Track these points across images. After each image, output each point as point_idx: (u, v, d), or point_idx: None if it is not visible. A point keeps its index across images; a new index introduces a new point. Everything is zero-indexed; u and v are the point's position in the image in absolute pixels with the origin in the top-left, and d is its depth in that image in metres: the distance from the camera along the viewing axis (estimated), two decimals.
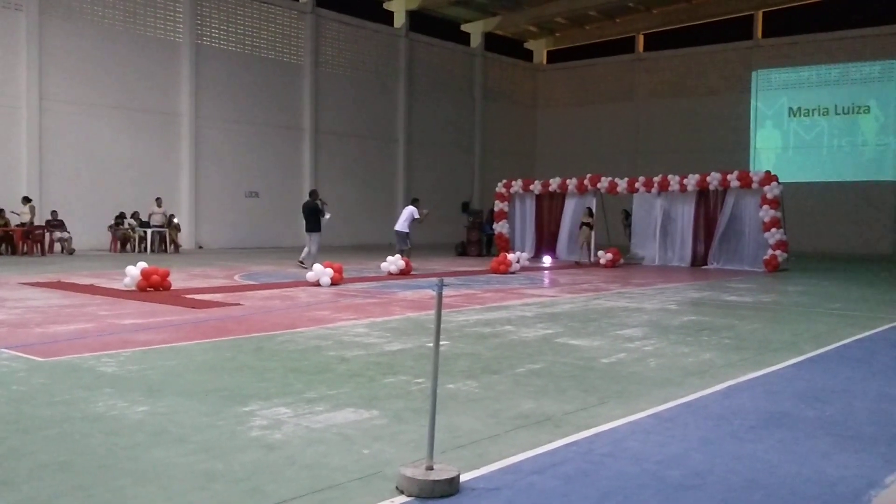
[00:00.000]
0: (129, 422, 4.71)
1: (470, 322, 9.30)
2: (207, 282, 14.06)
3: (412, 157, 33.64)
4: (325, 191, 30.20)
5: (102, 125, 24.29)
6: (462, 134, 36.14)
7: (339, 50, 30.68)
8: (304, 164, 29.52)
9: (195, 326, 8.50)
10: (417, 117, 33.70)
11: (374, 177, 32.21)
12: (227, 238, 27.03)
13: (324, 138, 30.12)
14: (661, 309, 11.08)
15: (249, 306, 10.38)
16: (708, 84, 35.40)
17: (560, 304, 11.53)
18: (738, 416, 5.12)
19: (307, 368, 6.36)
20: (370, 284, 14.15)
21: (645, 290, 14.08)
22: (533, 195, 24.20)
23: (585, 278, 16.65)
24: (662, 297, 12.91)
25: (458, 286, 14.02)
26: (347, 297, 11.78)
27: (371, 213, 31.52)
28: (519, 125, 39.15)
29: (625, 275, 17.97)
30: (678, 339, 8.35)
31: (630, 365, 6.83)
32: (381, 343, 7.62)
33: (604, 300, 12.25)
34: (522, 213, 24.52)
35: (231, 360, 6.68)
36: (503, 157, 37.59)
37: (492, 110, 37.34)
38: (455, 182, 35.53)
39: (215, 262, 19.80)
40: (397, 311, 10.28)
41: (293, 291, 12.60)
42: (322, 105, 29.92)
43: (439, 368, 4.17)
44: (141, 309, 9.95)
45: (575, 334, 8.50)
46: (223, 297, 11.35)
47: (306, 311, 9.98)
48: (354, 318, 9.46)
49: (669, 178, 21.49)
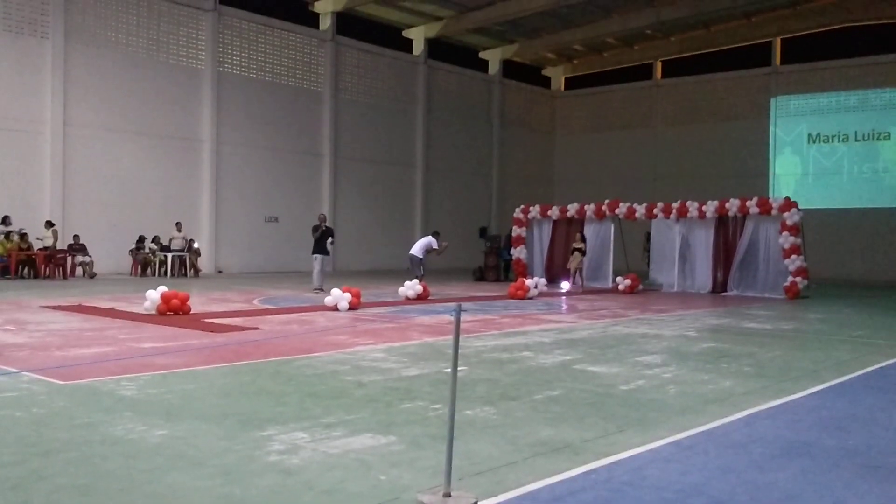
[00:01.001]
0: (148, 445, 4.72)
1: (488, 348, 9.29)
2: (226, 306, 14.09)
3: (430, 183, 33.74)
4: (343, 216, 30.41)
5: (125, 150, 24.55)
6: (480, 160, 36.24)
7: (358, 77, 30.91)
8: (323, 190, 29.66)
9: (214, 350, 8.52)
10: (436, 143, 33.84)
11: (392, 202, 32.30)
12: (247, 262, 27.16)
13: (343, 164, 30.29)
14: (681, 335, 11.03)
15: (268, 330, 10.40)
16: (726, 110, 35.32)
17: (578, 330, 11.50)
18: (759, 445, 5.05)
19: (325, 393, 6.35)
20: (388, 309, 14.14)
21: (664, 317, 14.04)
22: (550, 220, 24.22)
23: (604, 304, 16.57)
24: (681, 323, 12.85)
25: (475, 311, 13.98)
26: (365, 322, 11.79)
27: (389, 238, 31.56)
28: (537, 151, 39.20)
29: (643, 301, 17.89)
30: (698, 366, 8.30)
31: (649, 392, 6.78)
32: (399, 368, 7.61)
33: (622, 326, 12.21)
34: (540, 238, 24.52)
35: (249, 384, 6.68)
36: (521, 182, 37.62)
37: (509, 136, 37.44)
38: (473, 207, 35.58)
39: (234, 286, 19.82)
40: (415, 336, 10.28)
41: (311, 316, 12.62)
42: (341, 131, 30.11)
43: (457, 394, 4.16)
44: (160, 333, 9.98)
45: (594, 361, 8.48)
46: (242, 322, 11.35)
47: (324, 336, 10.00)
48: (372, 342, 9.47)
49: (688, 205, 21.45)
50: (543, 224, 24.51)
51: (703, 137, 35.55)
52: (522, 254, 24.42)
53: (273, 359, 8.03)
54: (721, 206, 20.90)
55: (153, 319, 11.42)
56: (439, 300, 16.29)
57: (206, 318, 11.82)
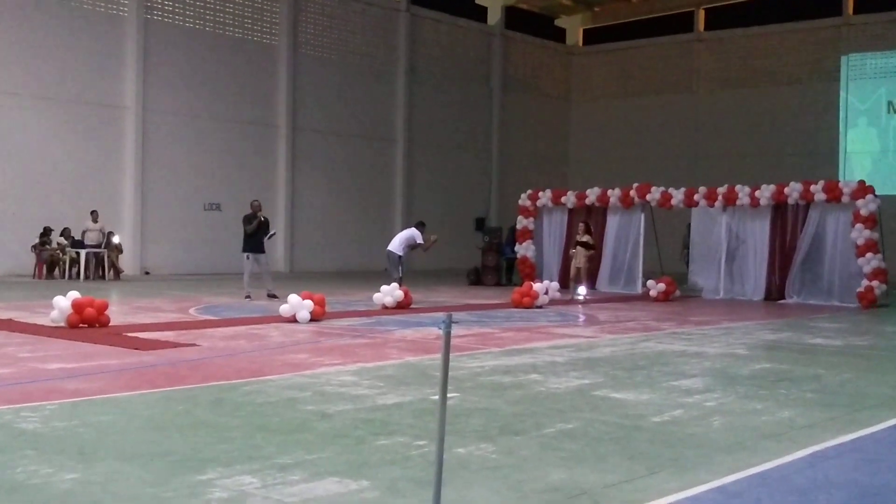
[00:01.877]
0: (56, 492, 4.68)
1: (485, 369, 9.37)
2: (155, 316, 14.12)
3: (413, 162, 33.80)
4: (303, 203, 30.40)
5: (24, 120, 24.39)
6: (476, 133, 36.29)
7: (322, 27, 30.94)
8: (277, 170, 29.72)
9: (139, 373, 8.54)
10: (421, 112, 33.87)
11: (365, 186, 32.35)
12: (181, 261, 27.15)
13: (303, 137, 30.30)
14: (728, 354, 11.14)
15: (208, 348, 10.47)
16: (786, 71, 35.45)
17: (600, 347, 11.60)
18: (825, 491, 5.08)
19: (279, 427, 6.39)
20: (360, 321, 14.24)
21: (706, 330, 14.16)
22: (565, 210, 24.26)
23: (631, 314, 16.62)
24: (729, 338, 12.95)
25: (470, 323, 14.07)
26: (331, 337, 11.86)
27: (361, 231, 31.61)
28: (548, 122, 39.24)
29: (681, 310, 18.01)
30: (749, 391, 8.37)
31: (688, 424, 6.84)
32: (374, 395, 7.67)
33: (655, 342, 12.30)
34: (552, 231, 24.56)
35: (184, 415, 6.72)
36: (528, 161, 37.68)
37: (514, 104, 37.45)
38: (467, 193, 35.62)
39: (165, 291, 19.88)
40: (394, 354, 10.38)
41: (263, 329, 12.68)
42: (301, 95, 30.11)
43: (447, 428, 4.16)
44: (72, 350, 9.97)
45: (618, 385, 8.56)
46: (175, 336, 11.41)
47: (279, 354, 10.08)
48: (340, 362, 9.54)
49: (737, 190, 21.54)
50: (556, 214, 24.54)
51: (755, 105, 35.68)
52: (530, 251, 24.46)
53: (214, 383, 8.09)
54: (779, 192, 21.01)
55: (62, 333, 11.39)
56: (425, 309, 16.34)
57: (128, 331, 11.82)
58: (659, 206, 22.76)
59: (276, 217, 28.23)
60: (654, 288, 20.68)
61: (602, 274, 23.59)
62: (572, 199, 24.04)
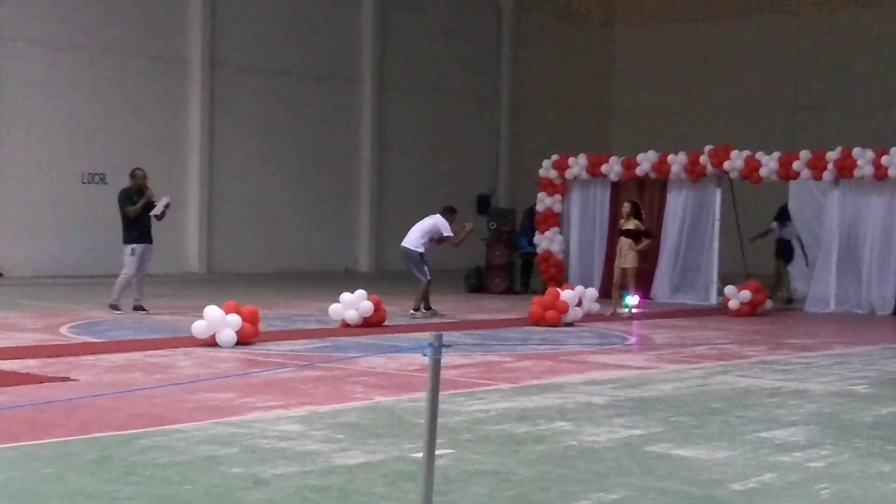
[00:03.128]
0: None
1: (492, 414, 9.40)
2: (10, 338, 14.05)
3: (387, 115, 33.83)
4: (227, 174, 30.24)
5: None
6: (478, 73, 36.22)
7: None
8: (188, 125, 29.63)
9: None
10: (397, 42, 33.84)
11: (318, 150, 32.29)
12: (48, 259, 27.09)
13: (225, 77, 30.29)
14: (841, 392, 11.14)
15: (88, 383, 10.41)
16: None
17: (656, 383, 11.63)
18: None
19: (193, 498, 6.31)
20: (309, 344, 14.32)
21: (811, 358, 14.17)
22: (607, 183, 24.27)
23: (702, 334, 16.66)
24: (843, 370, 12.98)
25: (470, 348, 14.08)
26: (267, 368, 11.90)
27: (311, 215, 31.77)
28: (580, 58, 39.09)
29: (775, 329, 18.09)
30: (873, 447, 8.35)
31: (783, 495, 6.78)
32: (329, 452, 7.67)
33: (736, 375, 12.29)
34: (586, 214, 24.56)
35: (53, 480, 6.63)
36: (552, 114, 37.66)
37: (532, 31, 37.47)
38: (465, 160, 35.61)
39: (25, 300, 20.08)
40: (358, 393, 10.41)
41: (168, 356, 12.66)
42: (222, 18, 29.94)
43: (435, 499, 4.15)
44: None
45: (683, 438, 8.58)
46: (40, 367, 11.33)
47: (191, 393, 10.01)
48: (280, 405, 9.55)
49: (856, 155, 21.56)
50: (594, 189, 24.67)
51: (885, 30, 35.64)
52: (555, 243, 24.59)
53: (98, 435, 8.04)
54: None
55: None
56: (404, 327, 16.34)
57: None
58: (743, 177, 22.85)
59: (186, 194, 28.19)
60: (735, 297, 20.62)
61: (660, 277, 23.68)
62: (617, 167, 24.02)
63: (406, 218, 19.88)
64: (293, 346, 13.89)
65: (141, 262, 18.16)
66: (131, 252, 18.16)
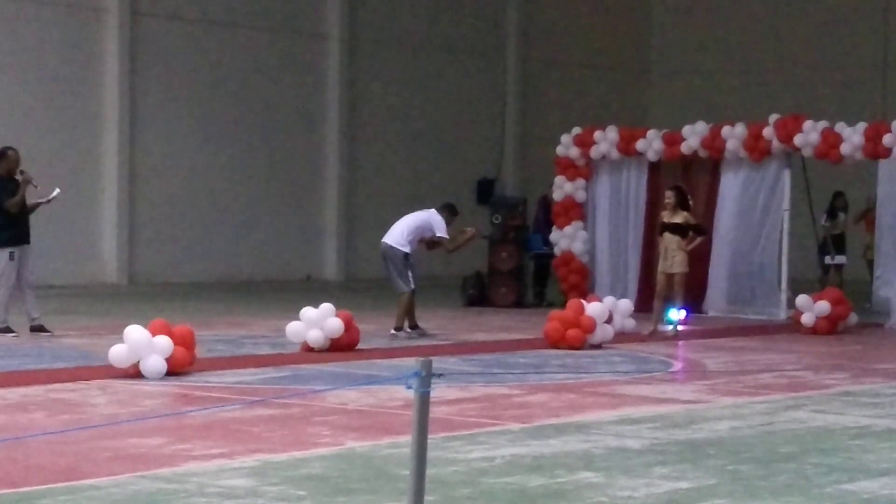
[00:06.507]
0: None
1: (497, 463, 9.44)
2: None
3: (359, 77, 33.80)
4: (153, 157, 30.33)
5: None
6: (476, 22, 36.32)
7: None
8: (103, 94, 29.65)
9: None
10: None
11: (270, 124, 32.24)
12: None
13: (148, 31, 30.34)
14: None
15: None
16: None
17: (709, 421, 11.66)
18: None
19: None
20: (260, 374, 14.23)
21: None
22: (643, 164, 24.26)
23: (767, 358, 16.65)
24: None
25: (469, 378, 14.06)
26: (208, 405, 11.81)
27: (261, 211, 31.68)
28: (608, 7, 39.24)
29: (861, 350, 18.17)
30: None
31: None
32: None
33: (811, 410, 12.42)
34: (617, 205, 24.56)
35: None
36: (573, 75, 37.91)
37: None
38: (462, 135, 35.70)
39: None
40: (325, 436, 10.52)
41: (78, 390, 12.69)
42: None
43: None
44: None
45: (744, 492, 8.54)
46: None
47: (110, 438, 10.02)
48: (223, 453, 9.61)
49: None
50: (627, 171, 24.65)
51: None
52: (578, 242, 24.53)
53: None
54: None
55: None
56: (383, 351, 16.24)
57: None
58: (818, 156, 22.76)
59: (100, 183, 28.29)
60: (809, 310, 20.69)
61: (713, 284, 23.66)
62: (657, 143, 24.01)
63: (384, 212, 19.86)
64: (240, 376, 13.93)
65: (21, 267, 18.05)
66: (9, 257, 17.99)
